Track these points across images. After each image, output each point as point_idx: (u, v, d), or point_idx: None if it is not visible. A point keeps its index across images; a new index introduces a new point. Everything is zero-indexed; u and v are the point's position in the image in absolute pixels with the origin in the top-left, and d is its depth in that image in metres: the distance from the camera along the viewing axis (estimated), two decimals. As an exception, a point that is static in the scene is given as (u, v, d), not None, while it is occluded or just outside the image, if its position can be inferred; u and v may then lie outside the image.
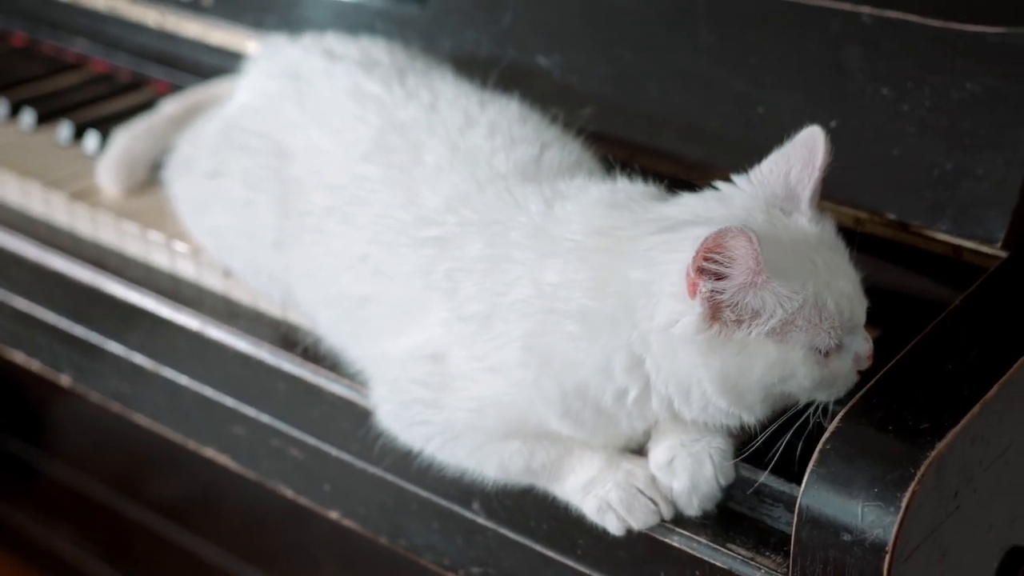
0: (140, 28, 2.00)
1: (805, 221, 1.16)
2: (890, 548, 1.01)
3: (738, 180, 1.19)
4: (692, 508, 1.17)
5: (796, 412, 1.13)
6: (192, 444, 1.57)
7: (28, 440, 2.49)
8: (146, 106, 1.79)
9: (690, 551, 1.16)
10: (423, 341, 1.23)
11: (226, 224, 1.46)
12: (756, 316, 1.08)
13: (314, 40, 1.56)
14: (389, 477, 1.35)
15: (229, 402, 1.49)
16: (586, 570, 1.24)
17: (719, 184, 1.20)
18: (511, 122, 1.35)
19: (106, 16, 2.04)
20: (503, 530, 1.28)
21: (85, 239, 1.66)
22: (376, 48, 1.52)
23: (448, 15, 1.66)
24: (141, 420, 1.62)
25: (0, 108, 1.93)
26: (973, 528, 1.13)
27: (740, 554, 1.14)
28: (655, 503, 1.17)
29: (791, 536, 1.08)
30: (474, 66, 1.52)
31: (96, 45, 2.06)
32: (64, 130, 1.85)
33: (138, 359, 1.57)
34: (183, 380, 1.53)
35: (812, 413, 1.12)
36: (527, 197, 1.24)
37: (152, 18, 1.99)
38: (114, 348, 1.60)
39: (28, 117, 1.90)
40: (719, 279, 1.07)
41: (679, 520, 1.17)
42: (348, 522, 1.43)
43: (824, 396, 1.13)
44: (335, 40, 1.54)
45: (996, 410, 1.10)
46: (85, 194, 1.69)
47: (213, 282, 1.53)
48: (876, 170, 1.35)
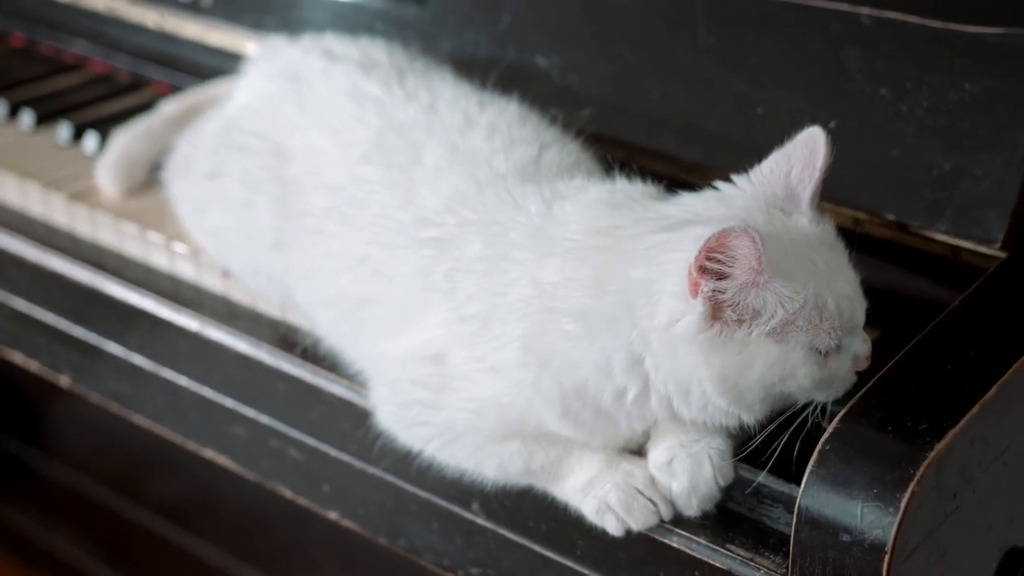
0: (139, 29, 2.00)
1: (805, 221, 1.16)
2: (889, 549, 1.01)
3: (738, 180, 1.19)
4: (691, 509, 1.17)
5: (794, 412, 1.13)
6: (191, 445, 1.57)
7: (27, 441, 2.49)
8: (145, 107, 1.79)
9: (689, 552, 1.16)
10: (423, 342, 1.23)
11: (225, 225, 1.46)
12: (757, 316, 1.08)
13: (313, 41, 1.56)
14: (388, 478, 1.35)
15: (228, 403, 1.49)
16: (585, 571, 1.24)
17: (719, 184, 1.20)
18: (510, 123, 1.35)
19: (105, 17, 2.04)
20: (502, 531, 1.28)
21: (84, 240, 1.66)
22: (375, 49, 1.52)
23: (447, 16, 1.66)
24: (140, 421, 1.62)
25: (-1, 109, 1.94)
26: (972, 529, 1.13)
27: (739, 555, 1.14)
28: (654, 504, 1.17)
29: (790, 537, 1.08)
30: (473, 67, 1.52)
31: (95, 46, 2.06)
32: (63, 131, 1.85)
33: (137, 360, 1.57)
34: (182, 381, 1.53)
35: (811, 413, 1.13)
36: (526, 198, 1.24)
37: (151, 19, 1.99)
38: (113, 349, 1.60)
39: (27, 118, 1.89)
40: (721, 278, 1.07)
41: (678, 521, 1.17)
42: (347, 523, 1.43)
43: (822, 396, 1.13)
44: (334, 41, 1.54)
45: (995, 411, 1.10)
46: (84, 195, 1.69)
47: (212, 283, 1.53)
48: (875, 170, 1.35)
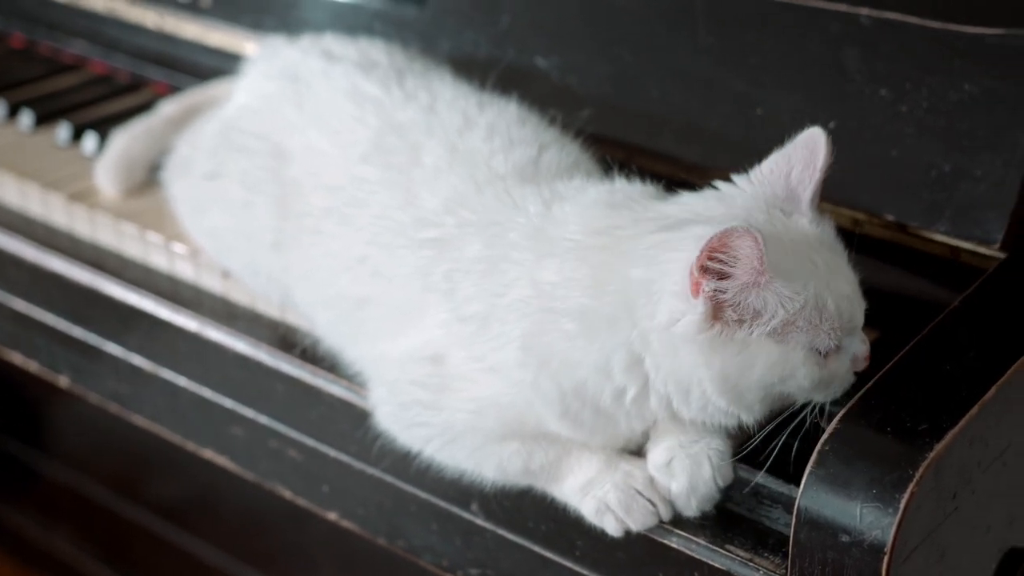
0: (139, 29, 2.00)
1: (806, 222, 1.16)
2: (888, 549, 1.01)
3: (738, 180, 1.19)
4: (690, 509, 1.16)
5: (793, 412, 1.13)
6: (191, 445, 1.57)
7: (27, 441, 2.49)
8: (145, 107, 1.79)
9: (688, 552, 1.16)
10: (422, 342, 1.23)
11: (224, 225, 1.46)
12: (758, 316, 1.08)
13: (312, 41, 1.56)
14: (388, 478, 1.35)
15: (228, 403, 1.49)
16: (584, 571, 1.24)
17: (719, 184, 1.20)
18: (509, 124, 1.35)
19: (105, 17, 2.04)
20: (502, 531, 1.28)
21: (83, 240, 1.66)
22: (375, 49, 1.52)
23: (447, 16, 1.66)
24: (140, 421, 1.62)
25: (-2, 109, 1.94)
26: (971, 529, 1.13)
27: (739, 555, 1.14)
28: (653, 504, 1.17)
29: (790, 537, 1.08)
30: (473, 67, 1.52)
31: (95, 46, 2.06)
32: (63, 131, 1.85)
33: (137, 360, 1.57)
34: (182, 381, 1.53)
35: (809, 413, 1.13)
36: (525, 198, 1.24)
37: (151, 19, 1.99)
38: (113, 349, 1.60)
39: (27, 118, 1.89)
40: (722, 278, 1.07)
41: (677, 521, 1.17)
42: (347, 523, 1.43)
43: (821, 397, 1.13)
44: (333, 41, 1.54)
45: (994, 411, 1.10)
46: (84, 195, 1.69)
47: (212, 283, 1.53)
48: (874, 171, 1.35)
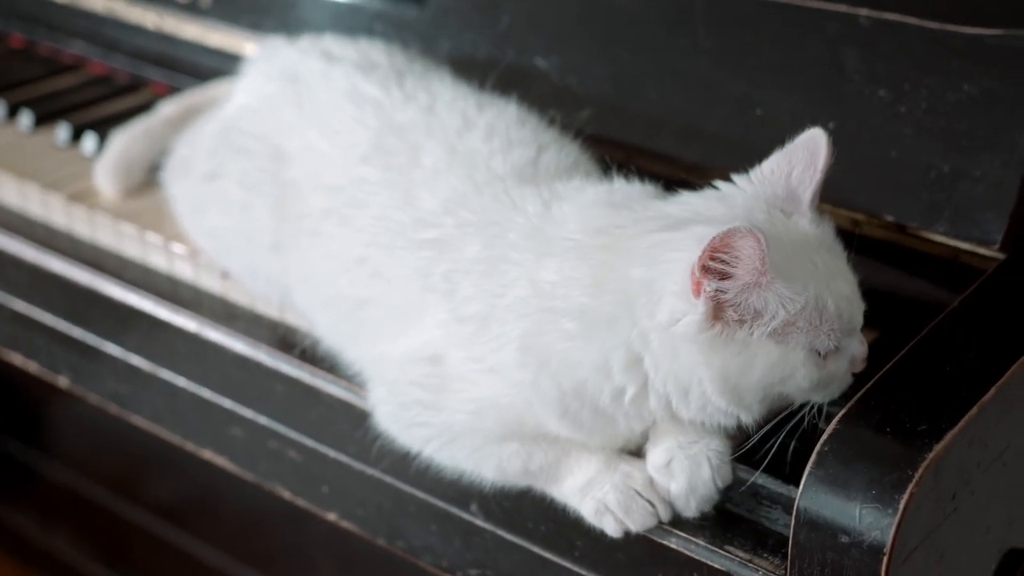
0: (138, 30, 2.00)
1: (806, 222, 1.16)
2: (888, 550, 1.01)
3: (739, 180, 1.19)
4: (690, 510, 1.16)
5: (791, 412, 1.13)
6: (190, 446, 1.57)
7: (26, 442, 2.49)
8: (144, 108, 1.79)
9: (688, 553, 1.16)
10: (421, 343, 1.23)
11: (224, 226, 1.46)
12: (758, 316, 1.08)
13: (312, 42, 1.56)
14: (387, 479, 1.35)
15: (227, 404, 1.49)
16: (584, 572, 1.24)
17: (719, 183, 1.20)
18: (509, 124, 1.35)
19: (104, 18, 2.04)
20: (501, 532, 1.28)
21: (83, 241, 1.66)
22: (374, 50, 1.52)
23: (447, 17, 1.66)
24: (139, 422, 1.62)
25: (-2, 110, 1.94)
26: (971, 530, 1.13)
27: (738, 556, 1.14)
28: (653, 505, 1.17)
29: (789, 538, 1.08)
30: (472, 68, 1.52)
31: (94, 47, 2.06)
32: (62, 132, 1.85)
33: (136, 361, 1.57)
34: (181, 382, 1.53)
35: (807, 413, 1.13)
36: (525, 199, 1.24)
37: (150, 20, 1.99)
38: (112, 350, 1.60)
39: (26, 119, 1.89)
40: (723, 278, 1.07)
41: (677, 522, 1.17)
42: (346, 524, 1.43)
43: (820, 397, 1.13)
44: (333, 42, 1.54)
45: (994, 412, 1.10)
46: (83, 196, 1.69)
47: (211, 284, 1.53)
48: (873, 172, 1.35)
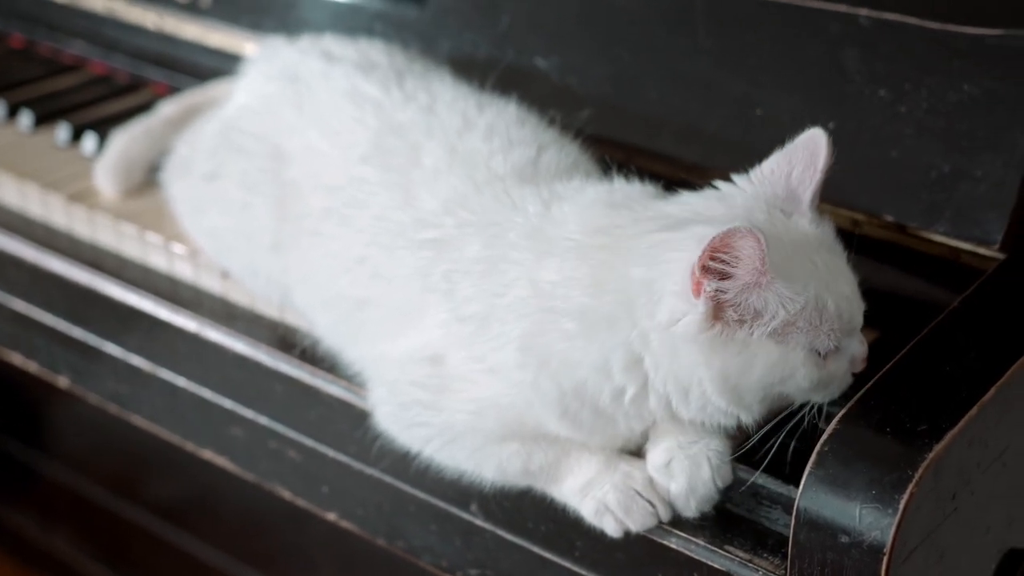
0: (138, 30, 2.00)
1: (806, 223, 1.16)
2: (888, 550, 1.01)
3: (739, 180, 1.19)
4: (690, 510, 1.16)
5: (791, 412, 1.13)
6: (190, 446, 1.57)
7: (26, 442, 2.49)
8: (144, 108, 1.79)
9: (688, 553, 1.16)
10: (422, 343, 1.23)
11: (224, 226, 1.46)
12: (758, 317, 1.08)
13: (312, 42, 1.56)
14: (387, 479, 1.35)
15: (227, 404, 1.49)
16: (584, 572, 1.24)
17: (719, 183, 1.20)
18: (509, 124, 1.35)
19: (104, 18, 2.04)
20: (501, 532, 1.28)
21: (83, 241, 1.66)
22: (374, 50, 1.52)
23: (447, 17, 1.66)
24: (139, 422, 1.62)
25: (-2, 110, 1.94)
26: (971, 530, 1.13)
27: (738, 556, 1.14)
28: (653, 505, 1.17)
29: (789, 538, 1.08)
30: (472, 68, 1.52)
31: (94, 47, 2.06)
32: (62, 132, 1.85)
33: (136, 361, 1.57)
34: (181, 382, 1.53)
35: (807, 413, 1.13)
36: (524, 199, 1.24)
37: (150, 20, 1.99)
38: (112, 350, 1.60)
39: (26, 119, 1.89)
40: (724, 278, 1.07)
41: (677, 522, 1.17)
42: (346, 524, 1.43)
43: (819, 397, 1.13)
44: (333, 42, 1.54)
45: (994, 412, 1.10)
46: (83, 196, 1.69)
47: (211, 284, 1.53)
48: (874, 172, 1.35)
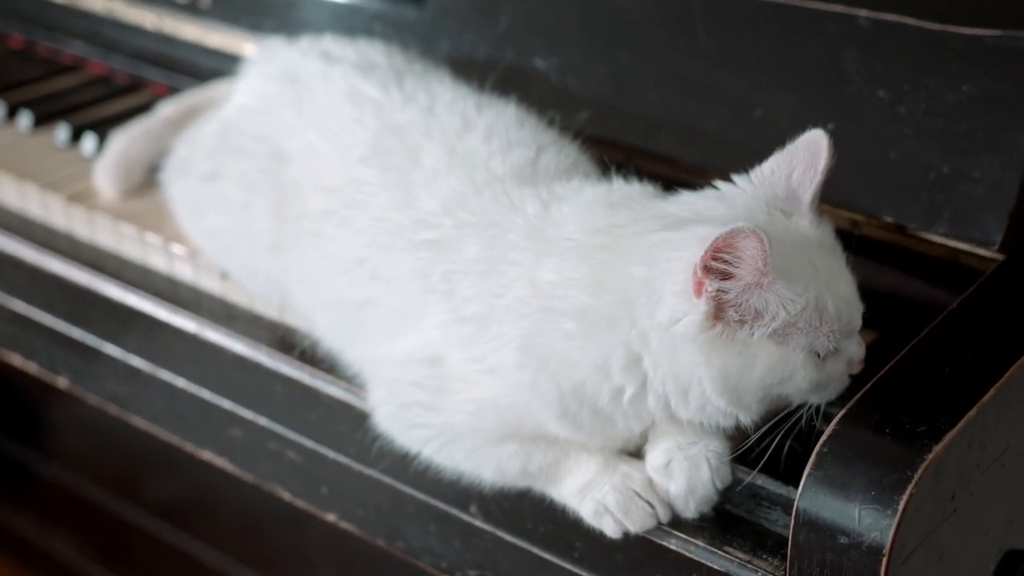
0: (138, 30, 2.00)
1: (806, 223, 1.16)
2: (887, 551, 1.01)
3: (739, 180, 1.19)
4: (689, 511, 1.16)
5: (789, 413, 1.13)
6: (189, 446, 1.57)
7: (25, 442, 2.49)
8: (144, 108, 1.79)
9: (687, 554, 1.16)
10: (421, 344, 1.23)
11: (223, 227, 1.46)
12: (759, 317, 1.08)
13: (312, 43, 1.56)
14: (386, 479, 1.35)
15: (226, 404, 1.49)
16: (583, 573, 1.24)
17: (720, 183, 1.20)
18: (508, 125, 1.35)
19: (103, 18, 2.04)
20: (500, 533, 1.28)
21: (82, 241, 1.66)
22: (374, 51, 1.52)
23: (446, 18, 1.66)
24: (138, 422, 1.62)
25: (-3, 110, 1.94)
26: (970, 531, 1.13)
27: (737, 557, 1.14)
28: (652, 506, 1.17)
29: (788, 539, 1.08)
30: (472, 69, 1.52)
31: (94, 47, 2.06)
32: (61, 132, 1.85)
33: (135, 361, 1.57)
34: (180, 382, 1.53)
35: (806, 414, 1.13)
36: (524, 199, 1.24)
37: (150, 20, 1.99)
38: (111, 350, 1.60)
39: (25, 119, 1.89)
40: (725, 278, 1.07)
41: (676, 523, 1.17)
42: (345, 525, 1.43)
43: (817, 399, 1.14)
44: (333, 43, 1.54)
45: (993, 413, 1.10)
46: (82, 196, 1.69)
47: (210, 284, 1.53)
48: (873, 172, 1.35)
